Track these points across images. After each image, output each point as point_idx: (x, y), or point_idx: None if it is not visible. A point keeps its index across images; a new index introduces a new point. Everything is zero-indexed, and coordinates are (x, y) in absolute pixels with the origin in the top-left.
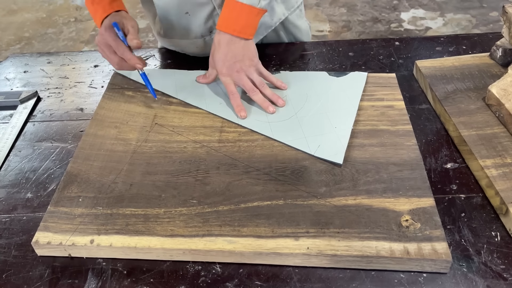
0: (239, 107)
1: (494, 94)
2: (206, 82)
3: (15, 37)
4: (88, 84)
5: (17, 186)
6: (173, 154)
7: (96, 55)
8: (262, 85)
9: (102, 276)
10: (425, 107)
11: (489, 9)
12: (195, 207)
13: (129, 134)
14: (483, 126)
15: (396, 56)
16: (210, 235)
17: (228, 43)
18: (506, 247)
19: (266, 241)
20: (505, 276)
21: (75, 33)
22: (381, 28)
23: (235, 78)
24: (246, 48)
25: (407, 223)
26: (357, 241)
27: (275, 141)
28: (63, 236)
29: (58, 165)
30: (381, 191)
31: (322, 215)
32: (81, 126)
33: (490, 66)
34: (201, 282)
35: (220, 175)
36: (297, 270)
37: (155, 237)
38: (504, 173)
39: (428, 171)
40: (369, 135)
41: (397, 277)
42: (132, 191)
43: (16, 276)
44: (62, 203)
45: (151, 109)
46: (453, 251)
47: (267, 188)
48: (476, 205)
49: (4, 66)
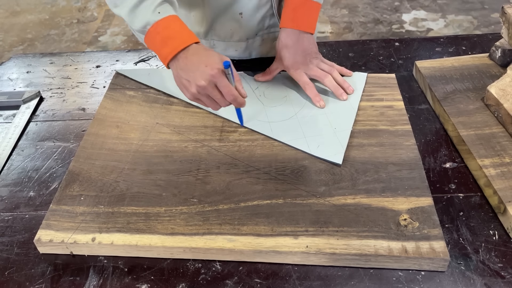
0: (317, 96)
1: (493, 94)
2: (267, 79)
3: (18, 38)
4: (90, 84)
5: (20, 185)
6: (174, 154)
7: (97, 55)
8: (332, 71)
9: (103, 273)
10: (424, 107)
11: (490, 10)
12: (195, 205)
13: (130, 134)
14: (482, 126)
15: (396, 57)
16: (210, 233)
17: (297, 39)
18: (504, 245)
19: (265, 239)
20: (502, 274)
21: (78, 34)
22: (383, 29)
23: (307, 70)
24: (312, 41)
25: (406, 222)
26: (355, 239)
27: (275, 140)
28: (65, 234)
29: (60, 164)
30: (380, 191)
31: (321, 214)
32: (83, 126)
33: (489, 67)
34: (201, 280)
35: (221, 174)
36: (296, 268)
37: (156, 235)
38: (502, 172)
39: (427, 171)
40: (369, 135)
41: (396, 275)
42: (133, 189)
43: (18, 273)
44: (64, 201)
45: (152, 108)
46: (451, 250)
47: (267, 187)
48: (475, 204)
49: (7, 67)
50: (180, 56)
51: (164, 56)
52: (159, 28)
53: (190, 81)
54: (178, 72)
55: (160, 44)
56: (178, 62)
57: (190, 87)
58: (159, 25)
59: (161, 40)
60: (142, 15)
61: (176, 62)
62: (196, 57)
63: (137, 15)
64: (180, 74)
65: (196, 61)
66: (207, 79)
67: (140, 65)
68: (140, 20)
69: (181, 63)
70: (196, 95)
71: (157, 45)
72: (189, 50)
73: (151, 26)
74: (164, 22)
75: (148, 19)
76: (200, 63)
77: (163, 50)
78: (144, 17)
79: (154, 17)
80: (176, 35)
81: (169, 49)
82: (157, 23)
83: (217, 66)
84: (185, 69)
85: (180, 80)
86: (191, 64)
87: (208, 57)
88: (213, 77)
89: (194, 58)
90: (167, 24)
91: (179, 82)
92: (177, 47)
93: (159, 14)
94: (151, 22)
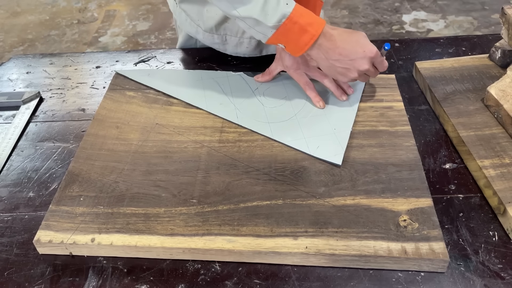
0: (317, 97)
1: (493, 95)
2: (266, 80)
3: (18, 39)
4: (90, 85)
5: (19, 186)
6: (173, 154)
7: (97, 56)
8: None
9: (103, 274)
10: (424, 108)
11: (491, 11)
12: (195, 206)
13: (130, 134)
14: (482, 126)
15: (395, 58)
16: (210, 234)
17: None
18: (504, 246)
19: (265, 240)
20: (502, 276)
21: (78, 35)
22: (383, 30)
23: (307, 70)
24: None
25: (405, 223)
26: (355, 240)
27: (275, 141)
28: (64, 234)
29: (60, 165)
30: (380, 191)
31: (320, 215)
32: (83, 126)
33: (489, 68)
34: (200, 281)
35: (220, 175)
36: (295, 269)
37: (155, 236)
38: (502, 173)
39: (427, 171)
40: (368, 136)
41: (395, 276)
42: (133, 190)
43: (17, 274)
44: (63, 202)
45: (152, 109)
46: (451, 251)
47: (266, 188)
48: (474, 205)
49: (7, 67)
50: (322, 41)
51: (302, 44)
52: (295, 17)
53: (349, 68)
54: (326, 55)
55: (299, 32)
56: (321, 47)
57: (351, 73)
58: (294, 15)
59: (299, 28)
60: (276, 9)
61: (318, 48)
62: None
63: (269, 11)
64: (333, 62)
65: (349, 47)
66: (369, 62)
67: (140, 65)
68: (275, 14)
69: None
70: (356, 78)
71: (294, 35)
72: (325, 34)
73: (286, 18)
74: (297, 11)
75: (284, 11)
76: (356, 47)
77: (302, 38)
78: (278, 11)
79: (287, 9)
80: (313, 21)
81: (309, 35)
82: (292, 14)
83: (373, 48)
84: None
85: (334, 68)
86: (342, 50)
87: (359, 40)
88: (373, 59)
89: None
90: (300, 12)
91: (333, 69)
92: (315, 32)
93: (288, 5)
94: (286, 14)
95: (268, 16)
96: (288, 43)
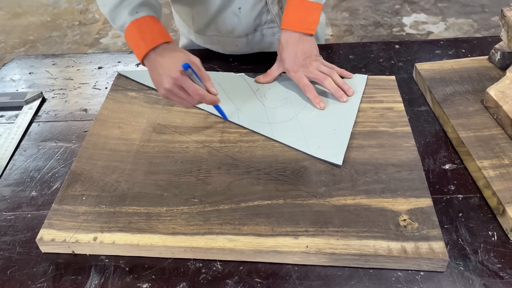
0: (317, 98)
1: (492, 96)
2: (268, 81)
3: (19, 40)
4: (92, 85)
5: (22, 185)
6: (175, 154)
7: (99, 57)
8: (332, 73)
9: (105, 272)
10: (424, 109)
11: (490, 13)
12: (196, 206)
13: (132, 134)
14: (481, 128)
15: (396, 59)
16: (211, 233)
17: (298, 41)
18: (503, 246)
19: (266, 239)
20: (501, 275)
21: (79, 36)
22: (383, 32)
23: (306, 72)
24: (312, 43)
25: (405, 222)
26: (355, 240)
27: (276, 142)
28: (67, 233)
29: (62, 165)
30: (380, 192)
31: (321, 215)
32: (85, 127)
33: (489, 69)
34: (201, 279)
35: (221, 174)
36: (296, 268)
37: (157, 235)
38: (501, 174)
39: (426, 172)
40: (369, 136)
41: (395, 275)
42: (135, 190)
43: (20, 272)
44: (66, 201)
45: (154, 109)
46: (450, 250)
47: (267, 188)
48: (474, 205)
49: (10, 68)
50: (150, 56)
51: (137, 56)
52: (134, 28)
53: (158, 82)
54: (149, 72)
55: (134, 44)
56: (149, 62)
57: (159, 89)
58: (134, 25)
59: (134, 40)
60: (121, 14)
61: (147, 62)
62: (161, 58)
63: (117, 14)
64: (151, 74)
65: (162, 63)
66: (170, 82)
67: (141, 66)
68: (119, 19)
69: (150, 64)
70: (165, 96)
71: (132, 45)
72: (156, 50)
73: (127, 26)
74: (138, 22)
75: (125, 19)
76: (165, 65)
77: (135, 50)
78: (122, 17)
79: (131, 17)
80: (147, 36)
81: (140, 49)
82: (132, 23)
83: (178, 68)
84: (153, 70)
85: (152, 81)
86: (157, 66)
87: (171, 59)
88: (176, 80)
89: (159, 59)
90: (141, 24)
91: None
92: (146, 47)
93: (137, 13)
94: (127, 22)
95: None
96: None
